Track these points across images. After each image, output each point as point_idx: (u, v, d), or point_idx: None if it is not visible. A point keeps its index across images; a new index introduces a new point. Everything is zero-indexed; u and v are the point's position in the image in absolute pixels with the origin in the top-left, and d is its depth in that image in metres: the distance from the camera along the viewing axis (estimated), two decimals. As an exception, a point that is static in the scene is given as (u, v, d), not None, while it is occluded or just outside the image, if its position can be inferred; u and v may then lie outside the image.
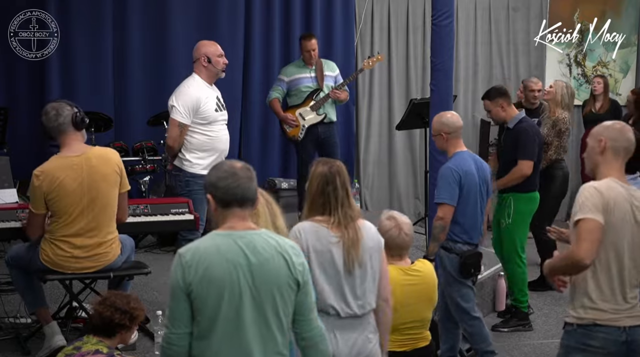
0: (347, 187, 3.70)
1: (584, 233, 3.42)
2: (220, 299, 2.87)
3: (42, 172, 4.68)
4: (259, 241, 2.95)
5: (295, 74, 7.87)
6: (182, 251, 2.92)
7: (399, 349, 4.16)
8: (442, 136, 5.18)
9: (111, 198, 4.78)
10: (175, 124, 5.72)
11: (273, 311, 2.93)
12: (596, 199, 3.44)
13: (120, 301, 3.83)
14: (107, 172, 4.76)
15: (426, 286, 4.23)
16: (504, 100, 6.13)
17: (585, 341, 3.50)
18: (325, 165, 3.72)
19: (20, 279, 4.96)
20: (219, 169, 2.99)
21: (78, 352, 3.74)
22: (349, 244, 3.60)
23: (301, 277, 2.98)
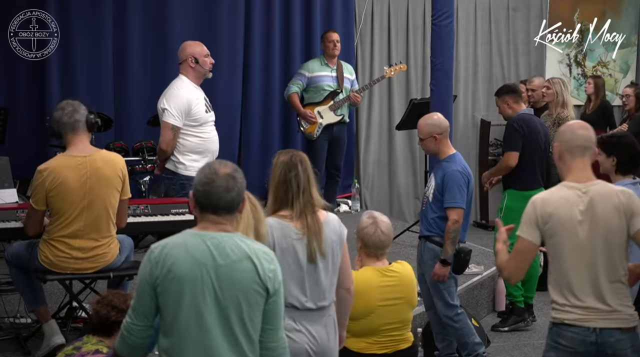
0: (309, 175, 3.70)
1: (514, 253, 3.58)
2: (181, 296, 2.87)
3: (46, 169, 4.69)
4: (229, 243, 2.93)
5: (318, 71, 7.99)
6: (153, 246, 2.96)
7: (380, 351, 4.15)
8: (435, 138, 5.11)
9: (112, 201, 4.78)
10: (168, 127, 5.68)
11: (237, 316, 2.89)
12: (530, 214, 3.53)
13: (117, 300, 3.83)
14: (110, 176, 4.75)
15: (404, 287, 4.21)
16: (510, 97, 6.16)
17: (557, 338, 3.55)
18: (287, 154, 3.74)
19: (20, 277, 4.96)
20: (202, 171, 3.00)
21: (78, 352, 3.74)
22: (311, 234, 3.60)
23: (271, 285, 2.93)
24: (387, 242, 4.20)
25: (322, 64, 8.03)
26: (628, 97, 8.48)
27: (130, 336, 2.97)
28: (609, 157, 4.60)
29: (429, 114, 5.34)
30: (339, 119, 7.99)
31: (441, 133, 5.13)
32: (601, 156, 4.63)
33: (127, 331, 2.98)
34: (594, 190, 3.55)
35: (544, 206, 3.52)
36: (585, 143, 3.60)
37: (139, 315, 2.95)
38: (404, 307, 4.21)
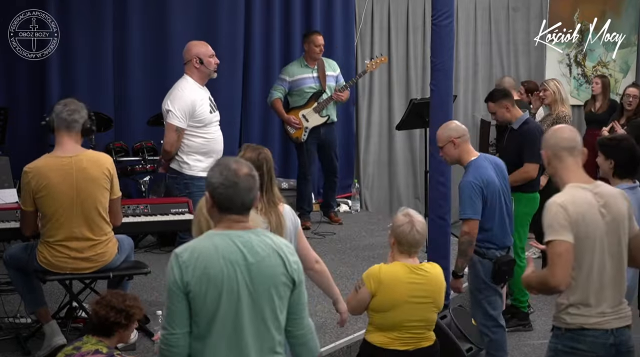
0: (272, 174, 3.86)
1: (555, 258, 3.42)
2: (218, 299, 2.86)
3: (31, 170, 4.68)
4: (256, 240, 2.96)
5: (298, 74, 7.88)
6: (179, 251, 2.91)
7: (402, 347, 4.17)
8: (453, 143, 5.10)
9: (101, 200, 4.76)
10: (172, 128, 5.70)
11: (271, 310, 2.93)
12: (561, 218, 3.42)
13: (116, 300, 3.83)
14: (96, 175, 4.74)
15: (432, 287, 4.23)
16: (508, 102, 6.17)
17: (574, 344, 3.50)
18: (254, 151, 3.85)
19: (18, 279, 4.96)
20: (222, 174, 2.94)
21: (78, 353, 3.74)
22: (274, 229, 3.73)
23: (297, 276, 2.99)
24: (421, 241, 4.23)
25: (301, 65, 7.94)
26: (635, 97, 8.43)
27: (170, 348, 2.89)
28: (607, 159, 4.58)
29: (446, 123, 5.32)
30: (325, 120, 7.90)
31: (459, 137, 5.11)
32: (600, 158, 4.62)
33: (166, 344, 2.90)
34: (604, 191, 3.56)
35: (575, 208, 3.44)
36: (568, 143, 3.59)
37: (175, 323, 2.88)
38: (429, 307, 4.22)
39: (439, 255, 5.96)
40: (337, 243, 7.63)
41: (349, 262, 6.87)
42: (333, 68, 8.03)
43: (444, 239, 6.01)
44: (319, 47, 7.84)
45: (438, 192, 5.95)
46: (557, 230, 3.41)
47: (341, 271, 6.58)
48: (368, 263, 5.14)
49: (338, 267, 6.70)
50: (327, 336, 5.25)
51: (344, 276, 6.43)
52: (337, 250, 7.37)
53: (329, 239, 7.77)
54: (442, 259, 5.96)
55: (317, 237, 7.68)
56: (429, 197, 6.26)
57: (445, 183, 5.94)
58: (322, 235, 7.87)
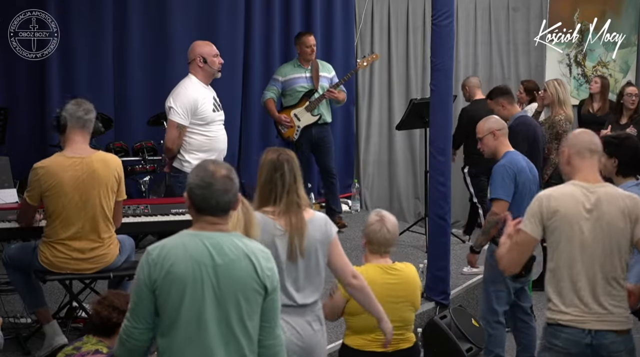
0: (296, 175, 3.71)
1: (512, 245, 3.64)
2: (182, 297, 2.87)
3: (42, 168, 4.69)
4: (227, 242, 2.94)
5: (291, 74, 7.86)
6: (150, 248, 2.95)
7: (380, 349, 4.15)
8: (494, 134, 5.19)
9: (108, 202, 4.78)
10: (173, 125, 5.71)
11: (237, 314, 2.91)
12: (535, 209, 3.60)
13: (118, 301, 3.83)
14: (106, 177, 4.76)
15: (406, 286, 4.21)
16: (504, 99, 6.19)
17: (551, 339, 3.57)
18: (275, 153, 3.75)
19: (18, 279, 4.96)
20: (198, 174, 2.97)
21: (78, 353, 3.74)
22: (293, 232, 3.63)
23: (269, 283, 2.95)
24: (391, 240, 4.21)
25: (295, 66, 7.91)
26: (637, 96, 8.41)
27: (130, 339, 2.95)
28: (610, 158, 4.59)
29: (487, 117, 5.44)
30: (316, 120, 7.84)
31: (499, 129, 5.21)
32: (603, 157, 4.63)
33: (126, 335, 2.96)
34: (602, 191, 3.60)
35: (549, 201, 3.56)
36: (593, 146, 3.69)
37: (139, 318, 2.93)
38: (405, 307, 4.21)
39: (439, 255, 5.98)
40: (337, 243, 7.61)
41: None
42: (327, 70, 8.00)
43: (444, 239, 6.01)
44: (310, 48, 7.79)
45: (438, 192, 5.95)
46: (525, 220, 3.61)
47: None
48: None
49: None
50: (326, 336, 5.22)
51: (344, 276, 6.41)
52: (337, 250, 7.34)
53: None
54: (442, 259, 5.98)
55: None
56: (429, 197, 6.26)
57: (445, 183, 5.95)
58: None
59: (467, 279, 6.58)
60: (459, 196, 8.50)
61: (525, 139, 6.09)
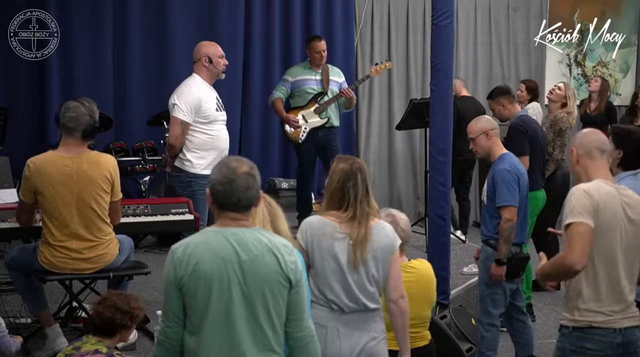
0: (368, 185, 3.70)
1: (575, 238, 3.41)
2: (209, 295, 2.90)
3: (33, 164, 4.71)
4: (251, 237, 2.97)
5: (301, 75, 7.83)
6: (175, 247, 2.97)
7: (396, 347, 4.16)
8: (487, 134, 5.15)
9: (101, 203, 4.77)
10: (177, 122, 5.72)
11: (263, 308, 2.94)
12: (585, 202, 3.44)
13: (120, 301, 3.83)
14: (95, 177, 4.75)
15: (422, 284, 4.22)
16: (505, 99, 6.18)
17: (581, 343, 3.50)
18: (347, 162, 3.71)
19: (20, 281, 4.96)
20: (220, 171, 3.00)
21: (77, 353, 3.74)
22: (357, 240, 3.61)
23: (293, 276, 2.99)
24: (406, 239, 4.22)
25: (305, 68, 7.87)
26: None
27: (167, 339, 2.98)
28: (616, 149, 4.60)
29: (477, 117, 5.42)
30: (324, 122, 7.80)
31: (492, 129, 5.18)
32: None
33: (163, 336, 2.99)
34: (630, 194, 3.59)
35: (598, 196, 3.47)
36: (602, 145, 3.67)
37: (171, 317, 2.96)
38: (422, 304, 4.21)
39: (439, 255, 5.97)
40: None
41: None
42: (338, 75, 7.96)
43: (444, 239, 6.01)
44: (319, 54, 7.76)
45: (438, 192, 5.95)
46: (580, 212, 3.43)
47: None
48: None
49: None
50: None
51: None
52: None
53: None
54: (442, 259, 5.98)
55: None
56: (429, 197, 6.26)
57: (445, 183, 5.95)
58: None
59: (467, 279, 6.58)
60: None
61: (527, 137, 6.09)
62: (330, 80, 7.82)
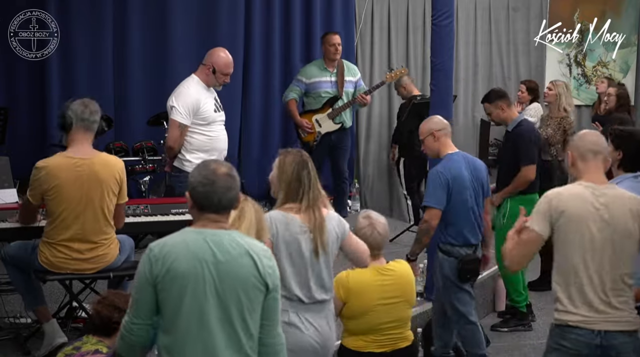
0: (315, 172, 3.87)
1: (521, 242, 3.61)
2: (183, 294, 2.90)
3: (44, 167, 4.68)
4: (228, 239, 2.97)
5: (316, 77, 7.83)
6: (152, 245, 2.98)
7: (378, 350, 4.16)
8: (434, 135, 5.12)
9: (108, 205, 4.77)
10: (175, 125, 5.73)
11: (237, 311, 2.93)
12: (541, 208, 3.59)
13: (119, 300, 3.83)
14: (107, 179, 4.75)
15: (402, 285, 4.23)
16: (503, 102, 6.14)
17: (559, 340, 3.55)
18: (295, 154, 3.89)
19: (18, 277, 4.95)
20: (200, 173, 3.01)
21: (77, 353, 3.74)
22: (316, 228, 3.74)
23: (270, 280, 2.97)
24: (383, 242, 4.26)
25: (321, 68, 7.88)
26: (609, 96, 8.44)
27: (130, 335, 2.99)
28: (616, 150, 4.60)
29: (429, 117, 5.38)
30: (338, 128, 7.85)
31: (439, 130, 5.13)
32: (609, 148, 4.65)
33: (127, 331, 2.99)
34: (610, 192, 3.61)
35: (558, 201, 3.56)
36: (595, 147, 3.69)
37: (139, 313, 2.97)
38: (402, 306, 4.22)
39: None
40: (337, 243, 7.61)
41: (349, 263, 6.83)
42: (353, 73, 7.97)
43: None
44: (333, 47, 7.76)
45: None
46: (535, 219, 3.59)
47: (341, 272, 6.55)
48: (368, 263, 5.14)
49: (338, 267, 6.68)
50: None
51: (344, 276, 6.41)
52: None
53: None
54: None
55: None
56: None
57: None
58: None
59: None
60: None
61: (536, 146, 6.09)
62: (345, 81, 7.83)
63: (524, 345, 6.06)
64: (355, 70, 8.05)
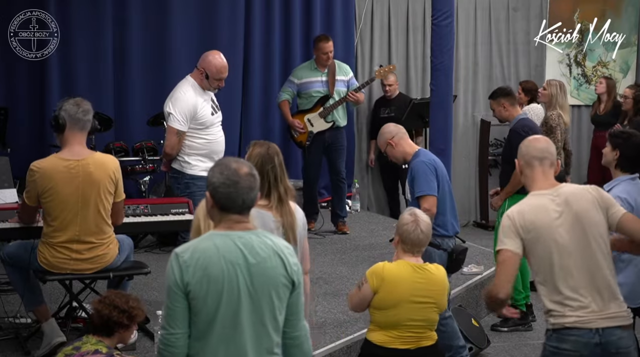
0: (283, 166, 3.84)
1: (498, 267, 3.58)
2: (219, 300, 2.86)
3: (38, 169, 4.67)
4: (256, 240, 2.95)
5: (306, 78, 7.83)
6: (180, 251, 2.89)
7: (402, 346, 4.16)
8: (391, 144, 5.23)
9: (105, 205, 4.75)
10: (173, 131, 5.73)
11: (270, 311, 2.92)
12: (506, 227, 3.54)
13: (119, 300, 3.84)
14: (101, 180, 4.73)
15: (434, 288, 4.23)
16: (506, 100, 6.15)
17: (558, 344, 3.51)
18: (262, 146, 3.84)
19: (17, 277, 4.94)
20: (222, 173, 2.93)
21: (77, 353, 3.74)
22: (287, 225, 3.76)
23: (296, 277, 2.98)
24: (424, 240, 4.25)
25: (312, 69, 7.87)
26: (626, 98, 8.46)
27: (169, 348, 2.87)
28: (613, 150, 4.60)
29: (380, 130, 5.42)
30: (330, 126, 7.84)
31: (393, 137, 5.22)
32: (607, 148, 4.65)
33: (164, 344, 2.88)
34: (565, 191, 3.60)
35: (521, 215, 3.54)
36: (540, 153, 3.67)
37: (174, 323, 2.86)
38: (430, 308, 4.22)
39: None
40: (337, 243, 7.63)
41: (349, 262, 6.86)
42: (345, 72, 7.96)
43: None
44: (325, 55, 7.75)
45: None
46: (501, 240, 3.55)
47: (341, 271, 6.57)
48: (368, 263, 5.13)
49: (338, 267, 6.70)
50: (327, 336, 5.24)
51: (343, 276, 6.42)
52: (337, 250, 7.36)
53: (328, 239, 7.77)
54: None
55: (317, 237, 7.67)
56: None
57: (445, 183, 5.95)
58: (322, 235, 7.86)
59: (467, 279, 6.58)
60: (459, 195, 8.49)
61: None
62: (337, 80, 7.82)
63: (524, 345, 6.06)
64: (347, 70, 8.02)
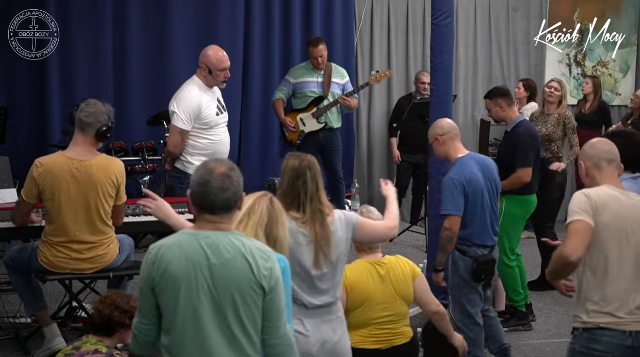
0: (318, 182, 3.66)
1: (571, 232, 3.48)
2: (177, 297, 2.91)
3: (42, 165, 4.68)
4: (224, 241, 2.94)
5: (302, 78, 7.82)
6: (151, 247, 3.01)
7: (374, 346, 4.15)
8: (438, 140, 5.15)
9: (105, 207, 4.77)
10: (176, 131, 5.73)
11: (234, 313, 2.91)
12: (584, 203, 3.50)
13: (120, 300, 3.84)
14: (103, 182, 4.75)
15: (396, 280, 4.23)
16: (504, 101, 6.12)
17: (590, 345, 3.49)
18: (297, 159, 3.67)
19: (19, 281, 4.95)
20: (198, 171, 3.00)
21: (77, 353, 3.74)
22: (319, 241, 3.59)
23: (266, 283, 2.93)
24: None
25: (308, 69, 7.86)
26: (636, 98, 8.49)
27: (139, 334, 3.04)
28: None
29: (437, 120, 5.36)
30: (322, 127, 7.81)
31: (444, 134, 5.14)
32: None
33: (137, 330, 3.05)
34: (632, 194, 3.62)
35: (598, 197, 3.52)
36: (608, 156, 3.70)
37: (144, 314, 3.02)
38: (397, 301, 4.22)
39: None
40: (337, 243, 7.60)
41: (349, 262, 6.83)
42: (341, 75, 7.94)
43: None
44: (316, 60, 7.74)
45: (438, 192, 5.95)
46: (577, 212, 3.49)
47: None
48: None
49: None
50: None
51: (344, 276, 6.41)
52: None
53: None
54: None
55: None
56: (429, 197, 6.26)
57: (445, 183, 5.94)
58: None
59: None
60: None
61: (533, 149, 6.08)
62: (332, 82, 7.81)
63: (524, 345, 6.05)
64: (343, 74, 7.99)
